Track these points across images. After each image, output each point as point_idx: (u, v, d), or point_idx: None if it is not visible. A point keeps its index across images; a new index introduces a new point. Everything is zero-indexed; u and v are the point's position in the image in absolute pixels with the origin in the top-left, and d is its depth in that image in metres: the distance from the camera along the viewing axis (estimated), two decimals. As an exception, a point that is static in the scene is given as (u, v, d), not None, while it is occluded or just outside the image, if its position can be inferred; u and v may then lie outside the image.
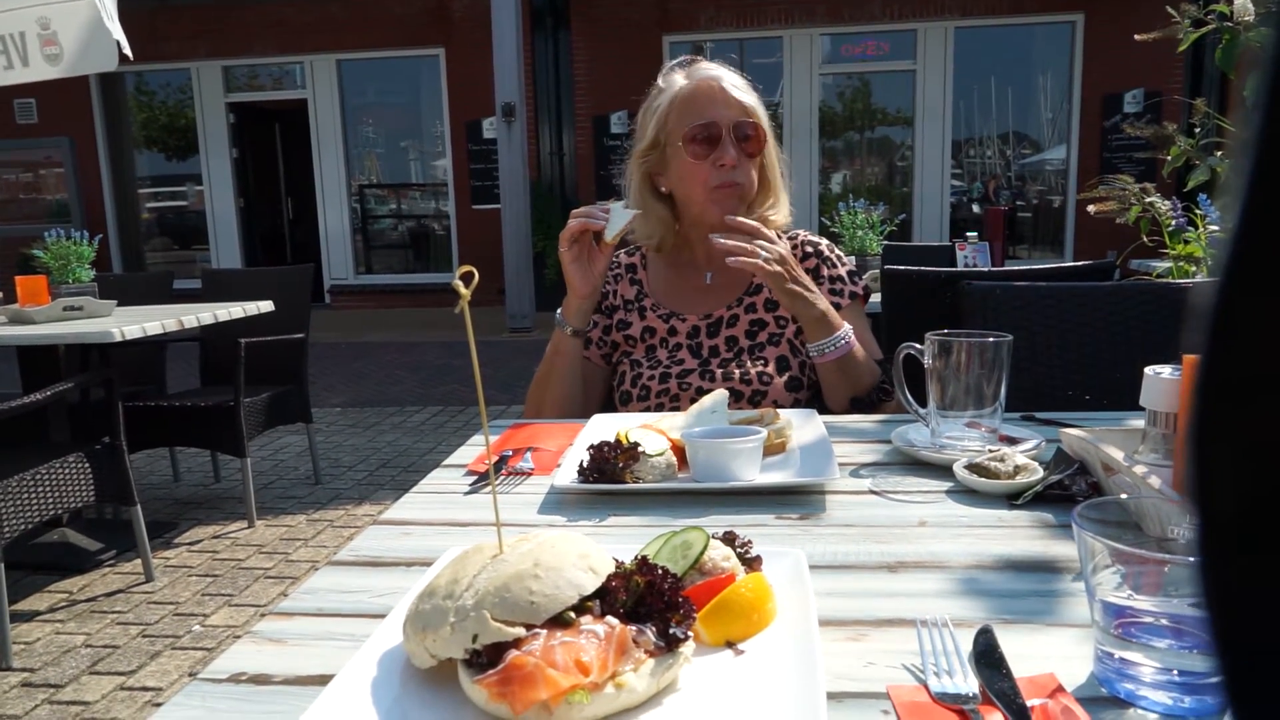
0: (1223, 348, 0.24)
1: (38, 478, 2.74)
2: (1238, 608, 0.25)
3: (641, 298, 1.72)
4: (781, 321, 1.63)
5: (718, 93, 1.58)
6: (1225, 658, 0.25)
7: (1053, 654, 0.68)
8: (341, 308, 11.56)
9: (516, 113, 8.73)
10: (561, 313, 1.61)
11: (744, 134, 1.57)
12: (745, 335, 1.63)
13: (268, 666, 0.71)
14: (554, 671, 0.58)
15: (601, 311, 1.74)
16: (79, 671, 2.60)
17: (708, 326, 1.65)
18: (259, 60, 11.47)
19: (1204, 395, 0.25)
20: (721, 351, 1.62)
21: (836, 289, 1.66)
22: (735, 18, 10.41)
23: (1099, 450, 0.98)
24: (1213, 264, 0.24)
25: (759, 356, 1.60)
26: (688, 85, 1.60)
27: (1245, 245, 0.23)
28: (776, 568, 0.79)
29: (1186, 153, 2.35)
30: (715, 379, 1.57)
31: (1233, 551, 0.25)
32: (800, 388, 1.58)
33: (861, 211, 4.21)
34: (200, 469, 4.69)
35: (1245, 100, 0.50)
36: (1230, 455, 0.25)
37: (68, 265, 3.83)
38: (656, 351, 1.66)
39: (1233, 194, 0.23)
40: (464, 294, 0.64)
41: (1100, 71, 9.86)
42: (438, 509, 1.08)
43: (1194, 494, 0.25)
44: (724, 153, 1.56)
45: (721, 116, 1.56)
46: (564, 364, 1.62)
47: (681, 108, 1.59)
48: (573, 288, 1.57)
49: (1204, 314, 0.24)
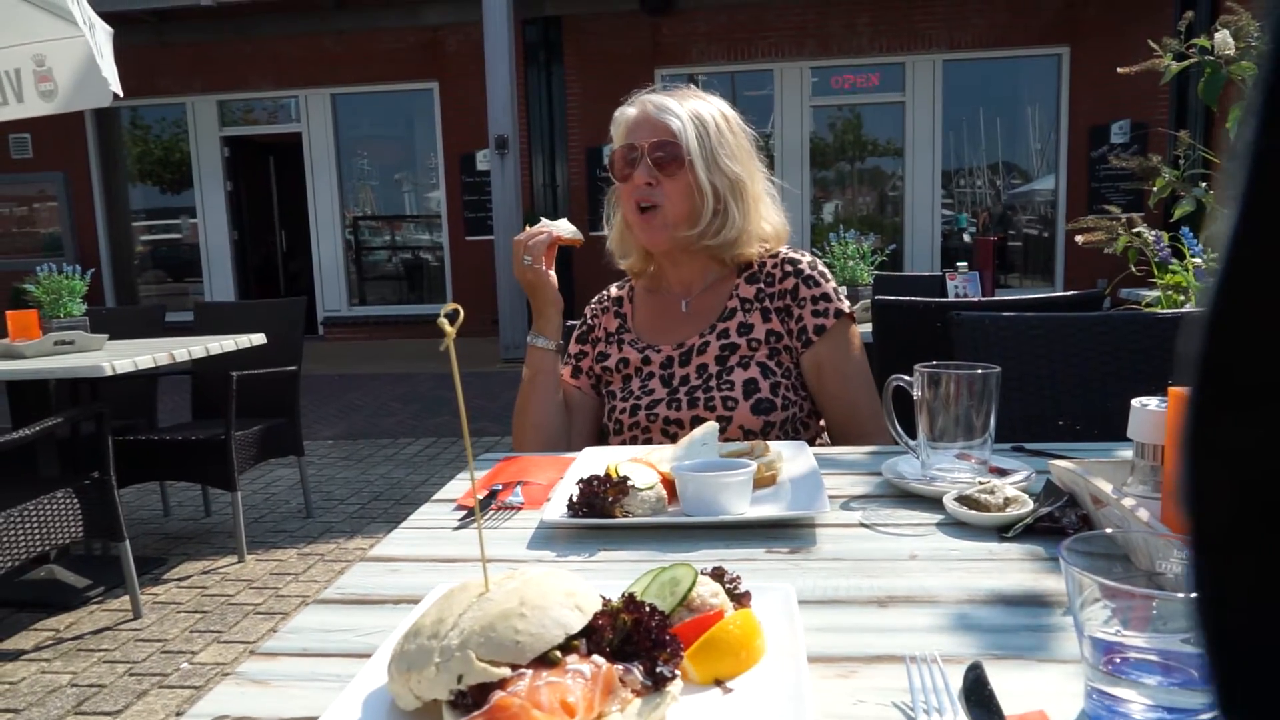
0: (1217, 359, 0.24)
1: (25, 513, 2.72)
2: (1233, 617, 0.25)
3: (622, 331, 1.73)
4: (753, 344, 1.60)
5: (642, 116, 1.61)
6: (1219, 667, 0.25)
7: (1043, 690, 0.67)
8: (335, 339, 11.55)
9: (510, 145, 8.79)
10: (535, 332, 1.65)
11: (660, 154, 1.58)
12: (715, 361, 1.61)
13: (251, 709, 0.70)
14: (539, 712, 0.58)
15: (589, 342, 1.76)
16: (64, 712, 2.56)
17: (680, 356, 1.64)
18: (254, 94, 11.55)
19: (1198, 406, 0.25)
20: (691, 380, 1.61)
21: (820, 309, 1.60)
22: (726, 51, 10.54)
23: (1088, 482, 0.98)
24: (1208, 275, 0.25)
25: (725, 380, 1.57)
26: (629, 111, 1.64)
27: (1240, 256, 0.24)
28: (765, 603, 0.78)
29: (1172, 184, 2.37)
30: (681, 407, 1.57)
31: (1227, 560, 0.25)
32: (771, 409, 1.54)
33: (852, 242, 4.25)
34: (191, 503, 4.66)
35: (1229, 133, 0.50)
36: (1224, 466, 0.25)
37: (59, 299, 3.82)
38: (631, 383, 1.67)
39: (1227, 208, 0.23)
40: (449, 331, 0.64)
41: (1087, 103, 9.99)
42: (426, 545, 1.07)
43: (1188, 505, 0.25)
44: (637, 174, 1.58)
45: (640, 139, 1.59)
46: (546, 382, 1.64)
47: (619, 134, 1.64)
48: (549, 300, 1.62)
49: (1198, 325, 0.24)
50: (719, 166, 1.59)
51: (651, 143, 1.58)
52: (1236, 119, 2.10)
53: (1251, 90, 0.23)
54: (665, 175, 1.58)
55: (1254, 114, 0.23)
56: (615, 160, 1.62)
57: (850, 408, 1.62)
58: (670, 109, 1.59)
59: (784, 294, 1.63)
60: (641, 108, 1.62)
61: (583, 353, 1.76)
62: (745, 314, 1.63)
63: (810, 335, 1.60)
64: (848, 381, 1.61)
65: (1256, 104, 0.23)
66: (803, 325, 1.60)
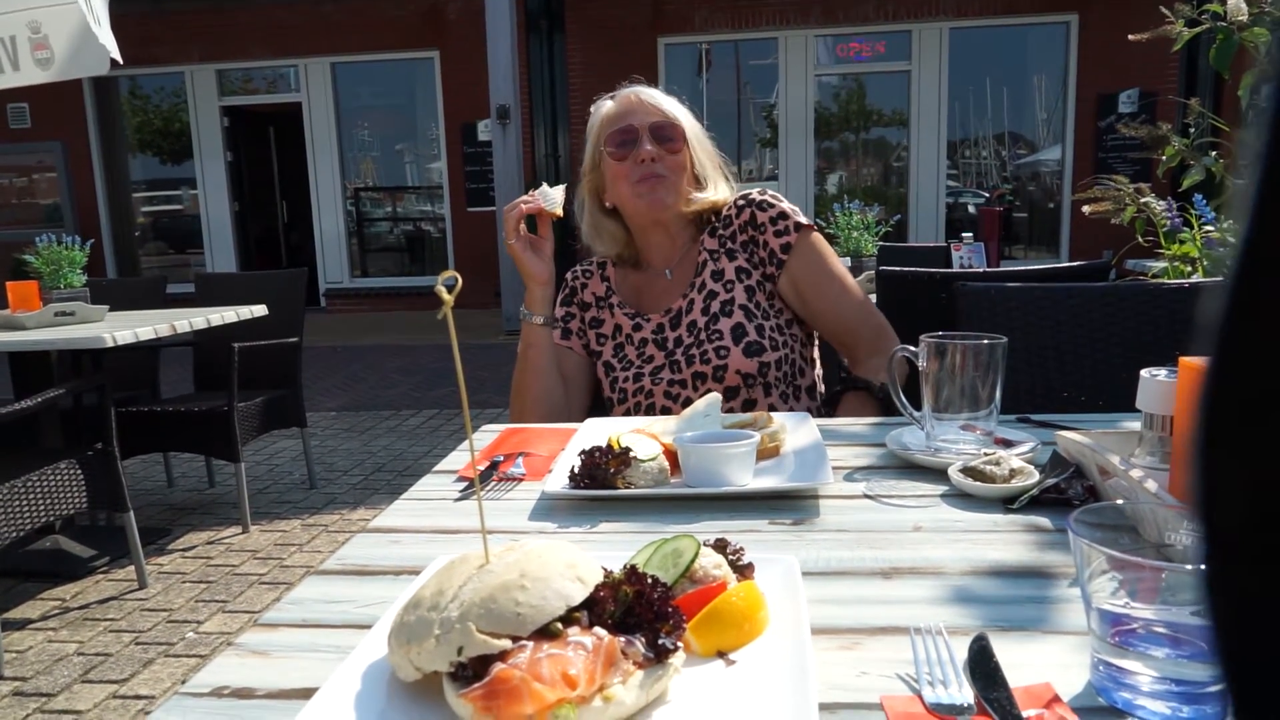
0: (1230, 361, 0.24)
1: (30, 484, 2.72)
2: (1244, 620, 0.25)
3: (610, 294, 1.78)
4: (729, 286, 1.66)
5: (635, 102, 1.68)
6: (1231, 669, 0.25)
7: (1049, 662, 0.67)
8: (337, 311, 11.54)
9: (511, 115, 8.72)
10: (525, 307, 1.68)
11: (662, 133, 1.65)
12: (702, 314, 1.66)
13: (251, 680, 0.69)
14: (540, 685, 0.57)
15: (578, 305, 1.80)
16: (71, 680, 2.58)
17: (670, 321, 1.69)
18: (253, 64, 11.45)
19: (1211, 407, 0.24)
20: (685, 340, 1.66)
21: (781, 228, 1.67)
22: (730, 19, 10.41)
23: (1095, 454, 0.97)
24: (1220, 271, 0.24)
25: (714, 331, 1.62)
26: (612, 104, 1.71)
27: (1253, 256, 0.23)
28: (769, 575, 0.78)
29: (1181, 153, 2.34)
30: (680, 368, 1.62)
31: (1239, 564, 0.25)
32: (761, 350, 1.59)
33: (857, 212, 4.22)
34: (194, 474, 4.67)
35: (1241, 100, 0.48)
36: (1237, 468, 0.24)
37: (59, 270, 3.81)
38: (625, 350, 1.72)
39: (1240, 205, 0.23)
40: (447, 300, 0.63)
41: (1095, 72, 9.87)
42: (428, 516, 1.06)
43: (1200, 506, 0.25)
44: (641, 149, 1.64)
45: (638, 120, 1.65)
46: (539, 356, 1.67)
47: (605, 123, 1.69)
48: (531, 277, 1.65)
49: (1212, 326, 0.24)
50: (703, 146, 1.71)
51: (652, 122, 1.65)
52: (1248, 87, 2.07)
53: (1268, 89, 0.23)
54: (668, 151, 1.65)
55: (1268, 116, 0.22)
56: (609, 144, 1.66)
57: (838, 319, 1.66)
58: (657, 96, 1.69)
59: (744, 227, 1.69)
60: (629, 98, 1.70)
61: (570, 314, 1.80)
62: (715, 262, 1.69)
63: (779, 255, 1.65)
64: (827, 291, 1.66)
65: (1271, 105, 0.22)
66: (770, 249, 1.66)
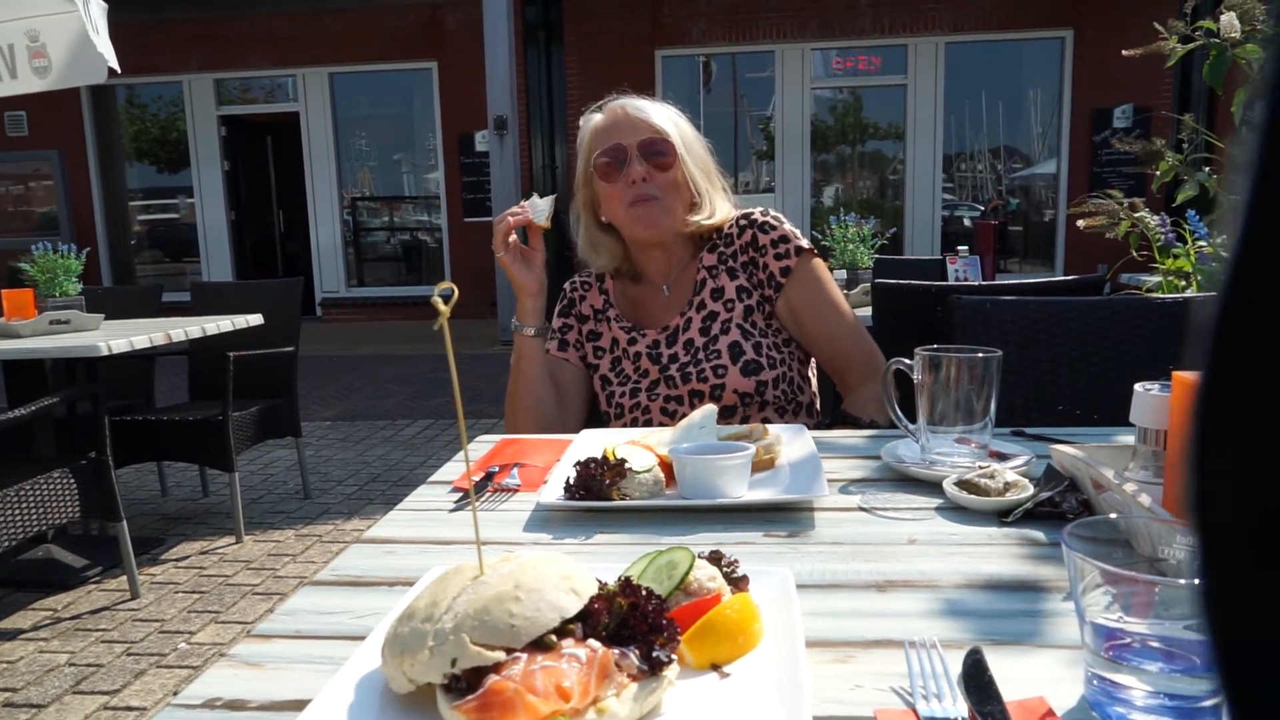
0: (1223, 369, 0.24)
1: (22, 493, 2.71)
2: (1241, 628, 0.25)
3: (608, 307, 1.76)
4: (729, 305, 1.64)
5: (621, 118, 1.63)
6: (1229, 680, 0.25)
7: (1043, 676, 0.67)
8: (333, 321, 11.53)
9: (509, 126, 8.74)
10: (517, 318, 1.65)
11: (651, 149, 1.61)
12: (700, 333, 1.65)
13: (244, 691, 0.69)
14: (534, 697, 0.57)
15: (575, 316, 1.78)
16: (62, 691, 2.57)
17: (666, 338, 1.68)
18: (251, 73, 11.46)
19: (1204, 415, 0.24)
20: (681, 357, 1.64)
21: (781, 251, 1.64)
22: (727, 32, 10.46)
23: (1089, 467, 0.97)
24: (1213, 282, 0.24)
25: (712, 350, 1.61)
26: (600, 117, 1.67)
27: (1245, 264, 0.23)
28: (763, 587, 0.77)
29: (1175, 168, 2.35)
30: (676, 384, 1.61)
31: (1235, 572, 0.25)
32: (759, 369, 1.57)
33: (853, 225, 4.23)
34: (188, 484, 4.66)
35: (1234, 116, 0.49)
36: (1231, 476, 0.24)
37: (55, 278, 3.80)
38: (622, 364, 1.70)
39: (1232, 213, 0.23)
40: (443, 311, 0.63)
41: (1090, 87, 9.93)
42: (422, 527, 1.06)
43: (1194, 514, 0.25)
44: (630, 170, 1.60)
45: (626, 139, 1.61)
46: (530, 367, 1.65)
47: (593, 140, 1.66)
48: (521, 288, 1.62)
49: (1204, 332, 0.24)
50: (695, 156, 1.66)
51: (640, 141, 1.61)
52: (1241, 103, 2.08)
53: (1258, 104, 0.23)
54: (658, 169, 1.62)
55: (1260, 127, 0.23)
56: (598, 165, 1.63)
57: (832, 345, 1.65)
58: (646, 109, 1.64)
59: (745, 248, 1.67)
60: (615, 112, 1.65)
61: (568, 325, 1.78)
62: (714, 280, 1.67)
63: (778, 279, 1.64)
64: (823, 316, 1.64)
65: (1263, 116, 0.23)
66: (769, 272, 1.64)
